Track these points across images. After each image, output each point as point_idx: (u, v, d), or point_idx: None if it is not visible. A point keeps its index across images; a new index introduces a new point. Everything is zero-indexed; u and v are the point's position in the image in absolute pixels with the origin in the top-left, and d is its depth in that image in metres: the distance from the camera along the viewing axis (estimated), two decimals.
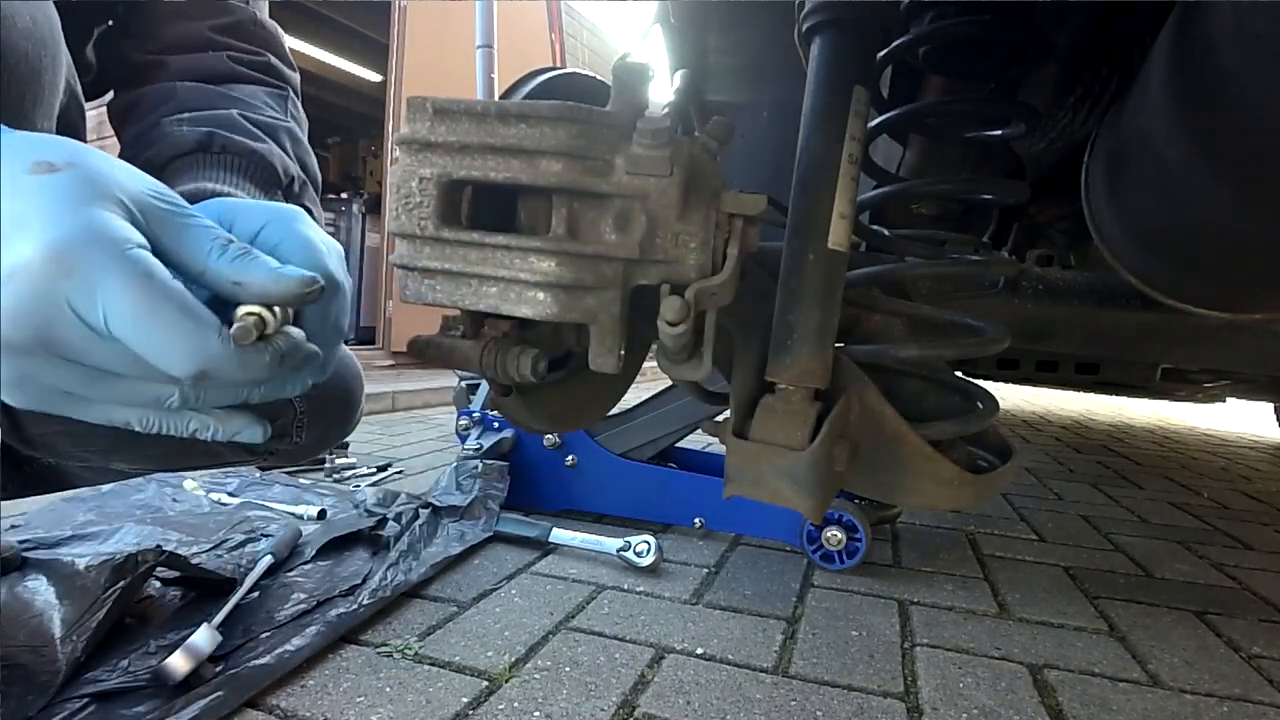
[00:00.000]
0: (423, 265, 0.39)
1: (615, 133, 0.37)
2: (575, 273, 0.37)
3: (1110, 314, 0.76)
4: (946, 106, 0.72)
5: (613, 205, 0.37)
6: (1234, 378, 1.58)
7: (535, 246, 0.37)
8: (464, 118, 0.37)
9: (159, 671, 0.62)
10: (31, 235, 0.29)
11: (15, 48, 0.44)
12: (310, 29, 4.67)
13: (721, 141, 0.41)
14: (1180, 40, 0.44)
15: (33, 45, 0.45)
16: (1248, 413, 3.99)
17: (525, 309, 0.38)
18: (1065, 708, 0.72)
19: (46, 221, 0.29)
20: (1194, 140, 0.45)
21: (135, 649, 0.68)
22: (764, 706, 0.68)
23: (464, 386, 1.43)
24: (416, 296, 0.40)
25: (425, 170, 0.38)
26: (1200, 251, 0.56)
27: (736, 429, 0.50)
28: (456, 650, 0.75)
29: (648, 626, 0.84)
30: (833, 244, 0.48)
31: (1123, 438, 2.93)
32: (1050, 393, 4.75)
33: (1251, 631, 0.95)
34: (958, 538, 1.30)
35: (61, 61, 0.50)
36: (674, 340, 0.40)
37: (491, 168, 0.37)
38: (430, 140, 0.37)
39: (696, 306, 0.39)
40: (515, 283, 0.38)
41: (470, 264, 0.38)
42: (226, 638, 0.69)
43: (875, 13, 0.49)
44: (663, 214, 0.38)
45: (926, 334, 0.62)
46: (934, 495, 0.51)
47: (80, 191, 0.31)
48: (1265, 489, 2.00)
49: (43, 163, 0.31)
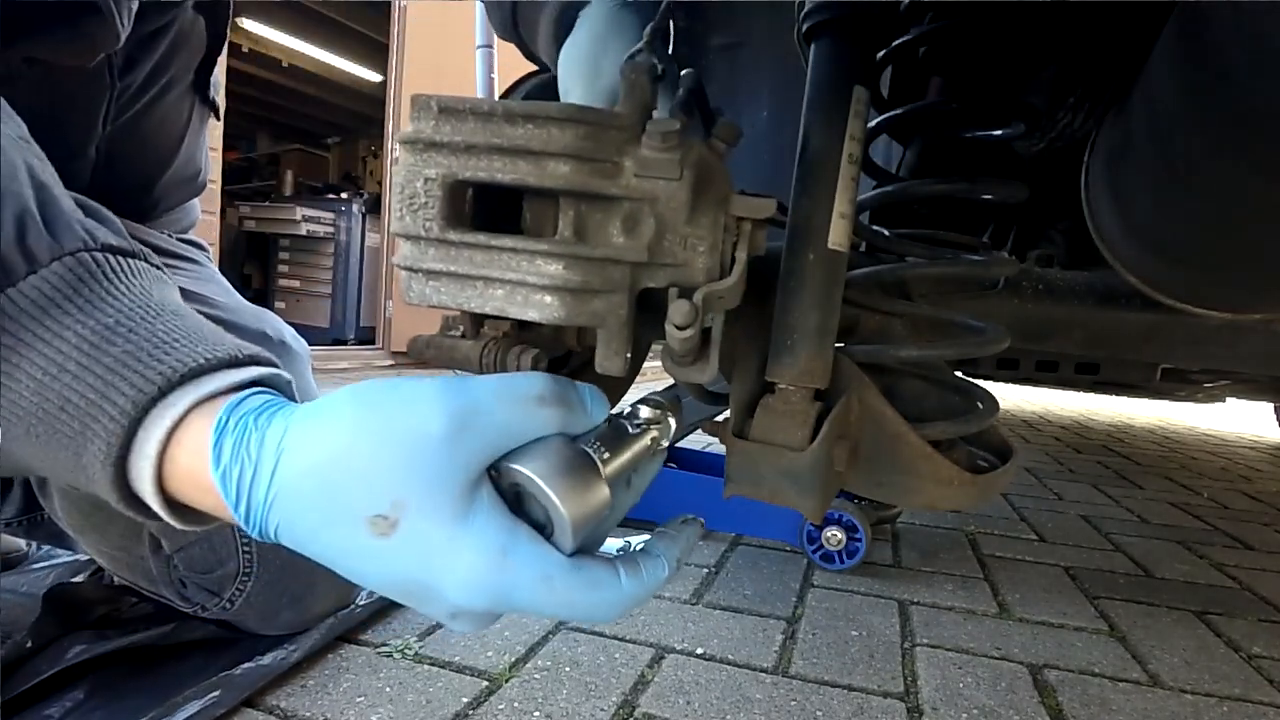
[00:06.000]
0: (427, 267, 0.38)
1: (624, 134, 0.37)
2: (583, 276, 0.37)
3: (1110, 314, 0.76)
4: (946, 106, 0.72)
5: (621, 208, 0.37)
6: (1234, 378, 1.58)
7: (543, 249, 0.36)
8: (470, 117, 0.37)
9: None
10: (459, 588, 0.31)
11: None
12: (310, 29, 4.67)
13: (730, 143, 0.40)
14: (1181, 40, 0.44)
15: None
16: (1248, 413, 3.99)
17: (532, 312, 0.37)
18: (1065, 708, 0.72)
19: (467, 583, 0.31)
20: (1194, 140, 0.45)
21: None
22: (764, 706, 0.68)
23: None
24: (421, 298, 0.39)
25: (430, 170, 0.37)
26: (1200, 251, 0.56)
27: (736, 429, 0.50)
28: (456, 650, 0.75)
29: (648, 626, 0.84)
30: (833, 244, 0.48)
31: (1123, 438, 2.93)
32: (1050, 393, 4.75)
33: (1251, 631, 0.95)
34: (958, 538, 1.30)
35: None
36: (682, 344, 0.39)
37: (498, 169, 0.36)
38: (435, 140, 0.37)
39: (705, 310, 0.38)
40: (522, 285, 0.37)
41: (476, 266, 0.38)
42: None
43: (875, 13, 0.49)
44: (672, 217, 0.37)
45: (926, 334, 0.62)
46: (934, 495, 0.51)
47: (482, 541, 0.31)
48: (1265, 489, 2.00)
49: (381, 519, 0.30)
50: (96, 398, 0.32)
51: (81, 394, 0.32)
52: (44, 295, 0.33)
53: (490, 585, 0.31)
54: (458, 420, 0.31)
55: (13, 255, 0.33)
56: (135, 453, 0.32)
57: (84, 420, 0.32)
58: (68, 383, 0.32)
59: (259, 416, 0.32)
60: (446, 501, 0.30)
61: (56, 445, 0.33)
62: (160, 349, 0.33)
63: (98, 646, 0.66)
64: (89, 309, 0.34)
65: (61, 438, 0.33)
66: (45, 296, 0.33)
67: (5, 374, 0.33)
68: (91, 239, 0.36)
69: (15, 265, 0.33)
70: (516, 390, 0.33)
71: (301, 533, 0.31)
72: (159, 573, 0.70)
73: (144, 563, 0.70)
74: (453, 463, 0.31)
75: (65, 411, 0.32)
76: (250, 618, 0.71)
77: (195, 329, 0.35)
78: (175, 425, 0.32)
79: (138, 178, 0.73)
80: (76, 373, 0.32)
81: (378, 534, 0.30)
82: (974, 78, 0.69)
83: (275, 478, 0.31)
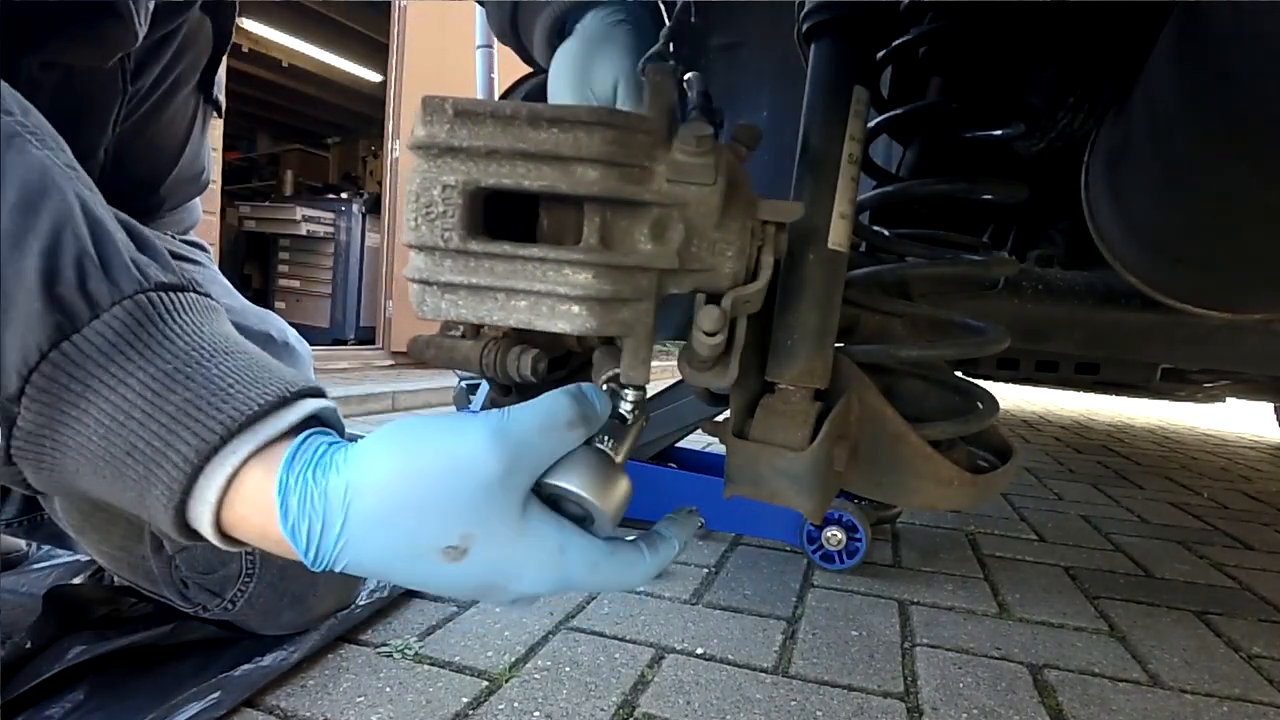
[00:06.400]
0: (445, 280, 0.36)
1: (652, 138, 0.35)
2: (613, 285, 0.35)
3: (1110, 314, 0.76)
4: (946, 106, 0.72)
5: (649, 214, 0.36)
6: (1234, 378, 1.58)
7: (574, 259, 0.35)
8: (489, 121, 0.35)
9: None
10: (526, 586, 0.37)
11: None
12: (310, 29, 4.67)
13: (750, 147, 0.40)
14: (1181, 40, 0.44)
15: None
16: (1248, 413, 3.99)
17: (561, 324, 0.36)
18: (1065, 708, 0.72)
19: (534, 581, 0.37)
20: (1194, 140, 0.45)
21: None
22: (764, 706, 0.68)
23: (464, 387, 1.43)
24: (435, 312, 0.37)
25: (449, 177, 0.35)
26: (1201, 251, 0.56)
27: (737, 429, 0.50)
28: (456, 650, 0.75)
29: (648, 626, 0.84)
30: (833, 244, 0.48)
31: (1123, 438, 2.93)
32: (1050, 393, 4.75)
33: (1251, 631, 0.95)
34: (958, 538, 1.30)
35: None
36: (709, 349, 0.39)
37: (523, 175, 0.35)
38: (452, 145, 0.35)
39: (732, 314, 0.38)
40: (549, 296, 0.35)
41: (498, 277, 0.36)
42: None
43: (875, 13, 0.49)
44: (702, 222, 0.36)
45: (926, 334, 0.62)
46: (934, 495, 0.51)
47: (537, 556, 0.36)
48: (1265, 489, 2.00)
49: (452, 549, 0.35)
50: (161, 445, 0.34)
51: (147, 441, 0.34)
52: (107, 341, 0.35)
53: (552, 579, 0.37)
54: (509, 460, 0.35)
55: (76, 301, 0.35)
56: (195, 498, 0.35)
57: (149, 466, 0.34)
58: (134, 429, 0.34)
59: (317, 470, 0.35)
60: (507, 526, 0.35)
61: (122, 485, 0.35)
62: (218, 396, 0.35)
63: (98, 647, 0.66)
64: (149, 354, 0.36)
65: (127, 480, 0.35)
66: (108, 342, 0.35)
67: (75, 418, 0.35)
68: (145, 279, 0.37)
69: (79, 311, 0.35)
70: (554, 422, 0.36)
71: (372, 567, 0.35)
72: (160, 573, 0.70)
73: (145, 563, 0.70)
74: (509, 494, 0.35)
75: (131, 456, 0.35)
76: (251, 618, 0.71)
77: (246, 368, 0.37)
78: (234, 473, 0.35)
79: (145, 177, 0.74)
80: (141, 420, 0.34)
81: (449, 561, 0.35)
82: (974, 78, 0.69)
83: (345, 529, 0.34)
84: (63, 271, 0.35)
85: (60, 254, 0.35)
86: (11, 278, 0.34)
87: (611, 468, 0.39)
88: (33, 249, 0.35)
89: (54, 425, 0.35)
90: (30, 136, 0.39)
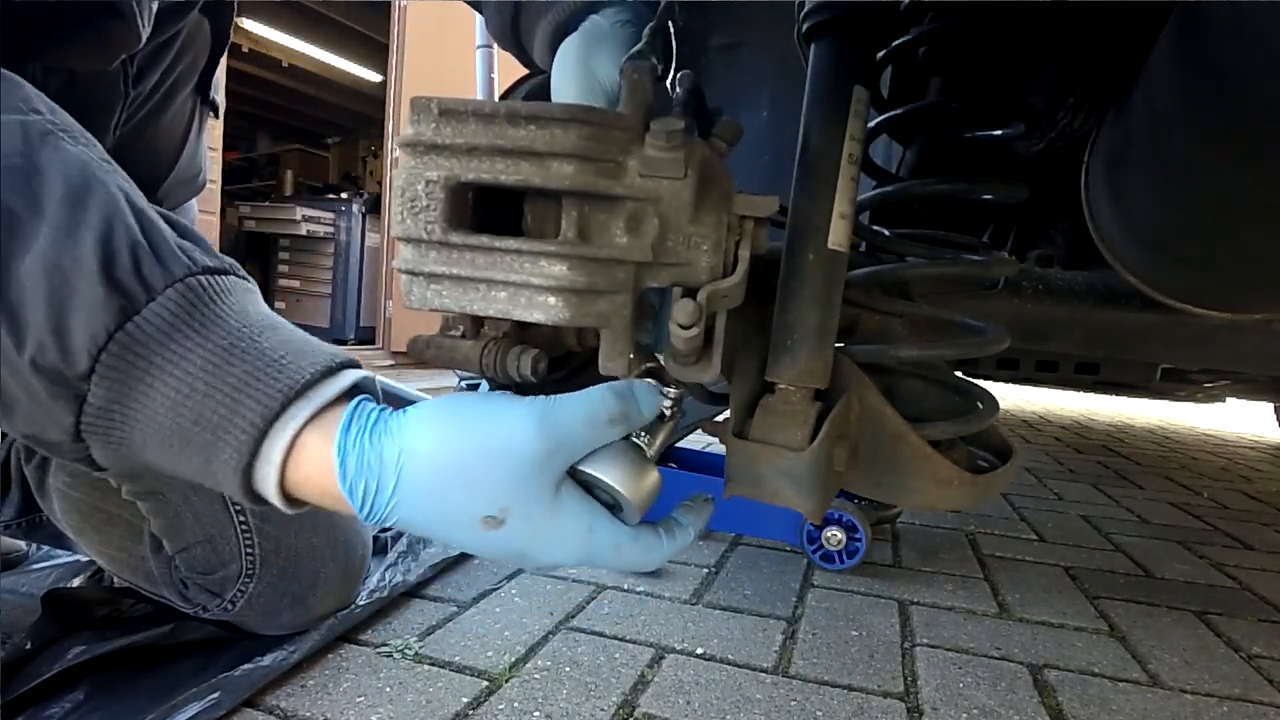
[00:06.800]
0: (429, 270, 0.38)
1: (627, 134, 0.36)
2: (588, 277, 0.37)
3: (1110, 314, 0.76)
4: (946, 106, 0.72)
5: (625, 208, 0.37)
6: (1234, 378, 1.58)
7: (548, 251, 0.36)
8: (471, 119, 0.36)
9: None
10: (554, 558, 0.40)
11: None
12: (310, 29, 4.66)
13: (731, 142, 0.40)
14: (1181, 40, 0.44)
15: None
16: (1248, 413, 3.99)
17: (537, 314, 0.37)
18: (1065, 708, 0.72)
19: (562, 555, 0.40)
20: (1194, 140, 0.45)
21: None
22: (764, 706, 0.68)
23: (464, 387, 1.43)
24: (422, 302, 0.39)
25: (432, 173, 0.37)
26: (1201, 251, 0.56)
27: (736, 429, 0.50)
28: (456, 650, 0.75)
29: (648, 626, 0.84)
30: (833, 244, 0.48)
31: (1123, 438, 2.93)
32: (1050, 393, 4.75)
33: (1251, 631, 0.95)
34: (958, 538, 1.30)
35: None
36: (686, 343, 0.39)
37: (501, 170, 0.36)
38: (436, 142, 0.37)
39: (708, 309, 0.38)
40: (526, 287, 0.37)
41: (479, 269, 0.37)
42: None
43: (875, 13, 0.49)
44: (676, 216, 0.37)
45: (926, 334, 0.62)
46: (934, 495, 0.51)
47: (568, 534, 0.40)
48: (1265, 489, 2.00)
49: (491, 519, 0.38)
50: (227, 413, 0.37)
51: (214, 410, 0.37)
52: (165, 321, 0.38)
53: (578, 554, 0.40)
54: (550, 443, 0.38)
55: (134, 286, 0.37)
56: (261, 460, 0.38)
57: (215, 433, 0.37)
58: (199, 400, 0.37)
59: (372, 435, 0.38)
60: (542, 504, 0.38)
61: (189, 453, 0.38)
62: (273, 367, 0.38)
63: (98, 647, 0.65)
64: (205, 332, 0.39)
65: (194, 448, 0.38)
66: (166, 323, 0.38)
67: (142, 393, 0.37)
68: (194, 263, 0.40)
69: (137, 295, 0.38)
70: (597, 418, 0.39)
71: (418, 527, 0.39)
72: (160, 573, 0.70)
73: (145, 563, 0.70)
74: (546, 476, 0.38)
75: (198, 425, 0.37)
76: (251, 619, 0.71)
77: (291, 342, 0.41)
78: (295, 436, 0.38)
79: (143, 180, 0.73)
80: (206, 391, 0.37)
81: (488, 529, 0.38)
82: (974, 78, 0.69)
83: (396, 491, 0.37)
84: (118, 258, 0.37)
85: (113, 241, 0.38)
86: (70, 265, 0.36)
87: (644, 462, 0.42)
88: (87, 238, 0.37)
89: (123, 400, 0.37)
90: (63, 134, 0.41)
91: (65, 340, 0.36)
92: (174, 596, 0.71)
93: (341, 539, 0.75)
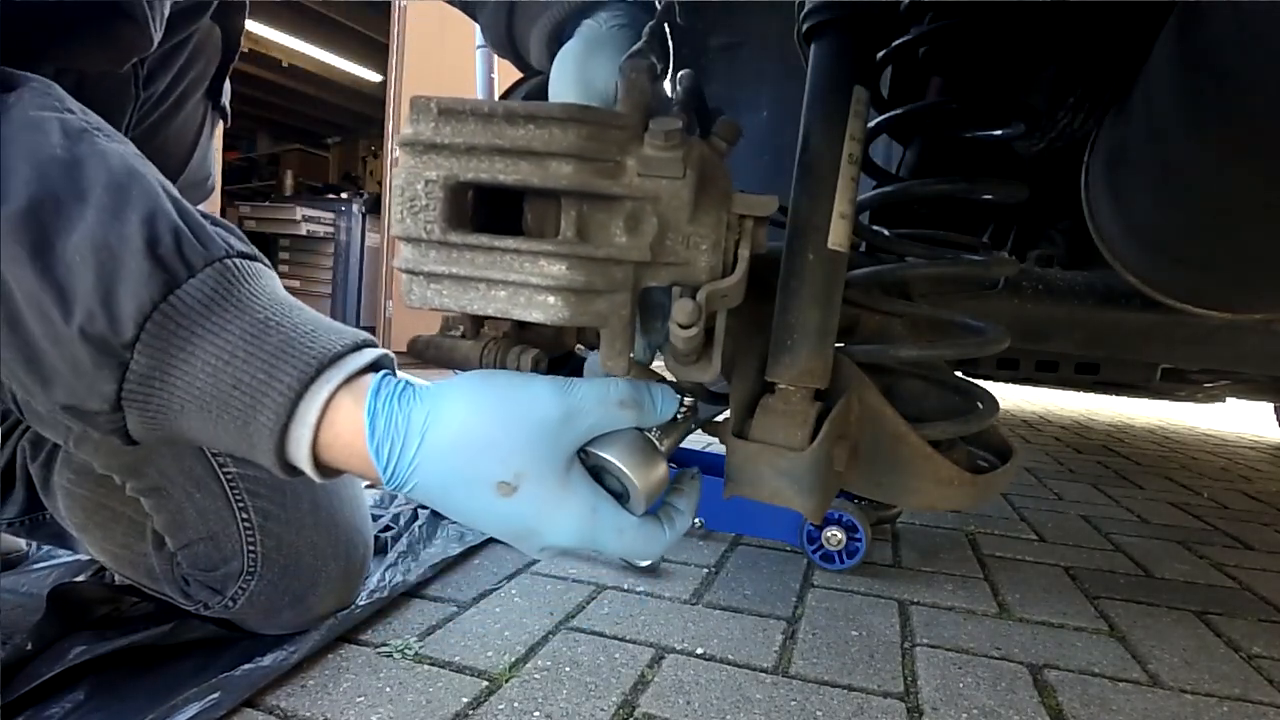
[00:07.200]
0: (429, 270, 0.38)
1: (626, 134, 0.36)
2: (587, 276, 0.37)
3: (1110, 314, 0.76)
4: (946, 106, 0.72)
5: (623, 207, 0.37)
6: (1234, 378, 1.58)
7: (547, 250, 0.36)
8: (470, 118, 0.36)
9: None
10: (558, 536, 0.42)
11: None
12: (310, 29, 4.66)
13: (730, 142, 0.40)
14: (1181, 40, 0.44)
15: None
16: (1248, 413, 3.99)
17: (536, 313, 0.37)
18: (1065, 708, 0.72)
19: (566, 533, 0.41)
20: (1194, 140, 0.45)
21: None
22: (764, 706, 0.68)
23: None
24: (422, 301, 0.40)
25: (431, 172, 0.37)
26: (1201, 251, 0.56)
27: (736, 429, 0.50)
28: (456, 650, 0.75)
29: (648, 626, 0.84)
30: (833, 244, 0.48)
31: (1123, 438, 2.93)
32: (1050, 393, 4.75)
33: (1251, 631, 0.95)
34: (958, 538, 1.30)
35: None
36: (685, 343, 0.39)
37: (500, 170, 0.36)
38: (435, 142, 0.37)
39: (708, 308, 0.38)
40: (525, 287, 0.37)
41: (478, 268, 0.37)
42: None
43: (875, 13, 0.49)
44: (674, 216, 0.37)
45: (926, 334, 0.62)
46: (934, 495, 0.51)
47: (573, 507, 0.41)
48: (1265, 489, 2.00)
49: (505, 484, 0.40)
50: (265, 378, 0.40)
51: (252, 375, 0.40)
52: (205, 295, 0.41)
53: (582, 534, 0.41)
54: (566, 415, 0.40)
55: (175, 263, 0.40)
56: (297, 421, 0.40)
57: (254, 396, 0.40)
58: (238, 367, 0.40)
59: (401, 400, 0.41)
60: (555, 474, 0.40)
61: (227, 418, 0.40)
62: (306, 338, 0.41)
63: (98, 647, 0.65)
64: (241, 306, 0.41)
65: (233, 411, 0.40)
66: (206, 297, 0.41)
67: (184, 360, 0.40)
68: (230, 247, 0.43)
69: (178, 271, 0.40)
70: (608, 396, 0.41)
71: (435, 491, 0.41)
72: (162, 570, 0.70)
73: (147, 560, 0.70)
74: (560, 447, 0.40)
75: (238, 390, 0.40)
76: (252, 617, 0.71)
77: (317, 320, 0.44)
78: (329, 399, 0.40)
79: None
80: (245, 359, 0.40)
81: (502, 495, 0.40)
82: (974, 78, 0.69)
83: (419, 452, 0.40)
84: (162, 238, 0.40)
85: (156, 224, 0.40)
86: (117, 243, 0.39)
87: (653, 453, 0.43)
88: (132, 219, 0.40)
89: (164, 368, 0.40)
90: (97, 132, 0.43)
91: (114, 310, 0.39)
92: (175, 593, 0.71)
93: (343, 538, 0.75)
